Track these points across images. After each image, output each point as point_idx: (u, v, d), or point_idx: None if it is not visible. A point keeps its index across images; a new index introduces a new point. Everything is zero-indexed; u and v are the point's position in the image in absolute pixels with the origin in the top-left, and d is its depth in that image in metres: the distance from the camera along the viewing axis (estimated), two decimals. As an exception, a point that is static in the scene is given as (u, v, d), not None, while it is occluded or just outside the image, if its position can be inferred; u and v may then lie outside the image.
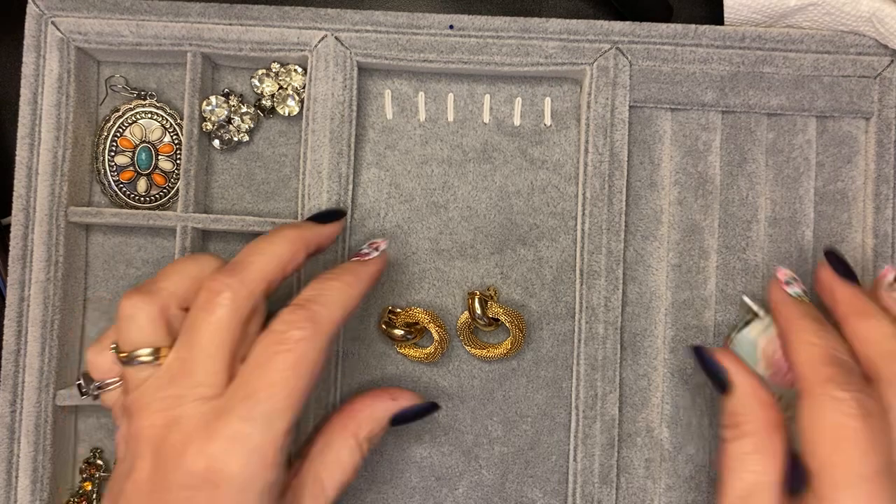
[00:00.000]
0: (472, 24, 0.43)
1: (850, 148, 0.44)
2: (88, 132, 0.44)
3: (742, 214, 0.44)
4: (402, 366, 0.44)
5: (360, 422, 0.37)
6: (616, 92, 0.43)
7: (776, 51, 0.43)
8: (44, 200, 0.42)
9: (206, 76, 0.44)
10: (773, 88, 0.43)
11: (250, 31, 0.42)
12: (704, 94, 0.43)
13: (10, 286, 0.42)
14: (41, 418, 0.42)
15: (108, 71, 0.45)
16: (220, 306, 0.32)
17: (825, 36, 0.43)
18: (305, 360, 0.32)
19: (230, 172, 0.45)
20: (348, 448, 0.37)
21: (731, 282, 0.44)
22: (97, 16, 0.42)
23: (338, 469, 0.36)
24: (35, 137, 0.42)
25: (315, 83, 0.42)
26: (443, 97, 0.45)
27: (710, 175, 0.44)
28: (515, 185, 0.44)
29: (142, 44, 0.43)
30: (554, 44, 0.43)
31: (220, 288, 0.33)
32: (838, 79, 0.43)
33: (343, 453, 0.36)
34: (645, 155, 0.44)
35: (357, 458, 0.37)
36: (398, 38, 0.43)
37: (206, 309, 0.33)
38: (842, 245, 0.44)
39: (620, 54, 0.43)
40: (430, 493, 0.43)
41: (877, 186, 0.43)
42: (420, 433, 0.44)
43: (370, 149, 0.44)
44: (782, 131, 0.44)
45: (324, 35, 0.42)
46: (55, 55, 0.42)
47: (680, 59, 0.43)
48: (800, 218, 0.44)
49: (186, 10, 0.42)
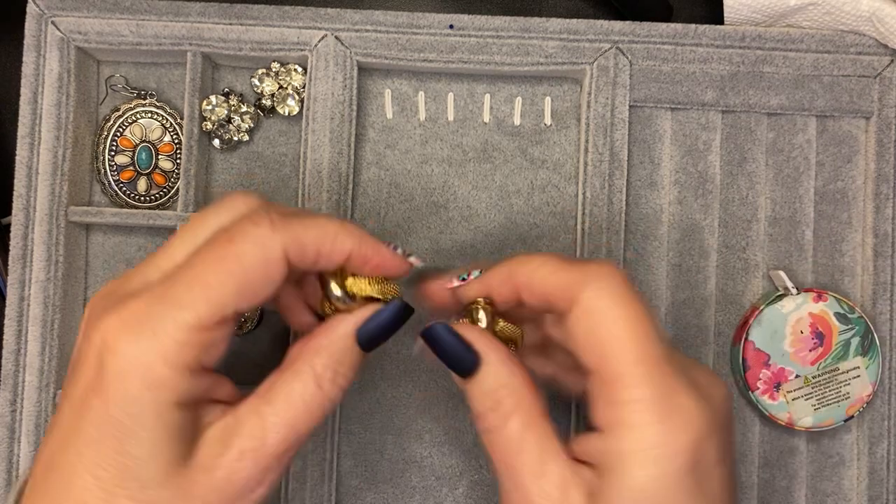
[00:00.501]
0: (472, 24, 0.43)
1: (850, 147, 0.44)
2: (88, 132, 0.44)
3: (742, 214, 0.44)
4: (403, 365, 0.44)
5: (316, 348, 0.31)
6: (616, 91, 0.43)
7: (776, 50, 0.43)
8: (44, 200, 0.42)
9: (206, 76, 0.44)
10: (773, 88, 0.43)
11: (250, 30, 0.42)
12: (704, 93, 0.43)
13: (10, 286, 0.42)
14: (41, 418, 0.42)
15: (108, 70, 0.45)
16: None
17: (825, 35, 0.43)
18: (241, 259, 0.28)
19: (230, 172, 0.45)
20: (301, 380, 0.30)
21: (732, 281, 0.44)
22: (97, 15, 0.42)
23: (285, 405, 0.29)
24: (35, 137, 0.42)
25: (315, 83, 0.42)
26: (443, 97, 0.45)
27: (711, 174, 0.44)
28: (515, 185, 0.44)
29: (142, 43, 0.43)
30: (554, 43, 0.43)
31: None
32: (838, 78, 0.43)
33: (295, 386, 0.29)
34: (645, 154, 0.44)
35: (313, 392, 0.30)
36: (398, 38, 0.43)
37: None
38: (842, 244, 0.44)
39: (620, 54, 0.43)
40: (430, 492, 0.43)
41: (877, 186, 0.43)
42: (420, 433, 0.44)
43: (370, 148, 0.44)
44: (782, 131, 0.44)
45: (324, 35, 0.42)
46: (55, 55, 0.42)
47: (680, 59, 0.43)
48: (800, 217, 0.44)
49: (186, 10, 0.42)
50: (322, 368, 0.30)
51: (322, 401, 0.30)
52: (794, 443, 0.44)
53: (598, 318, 0.29)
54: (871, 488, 0.43)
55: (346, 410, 0.43)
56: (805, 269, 0.44)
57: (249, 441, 0.28)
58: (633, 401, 0.27)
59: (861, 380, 0.42)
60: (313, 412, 0.30)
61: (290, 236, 0.29)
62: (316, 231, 0.30)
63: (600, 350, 0.28)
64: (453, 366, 0.31)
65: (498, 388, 0.30)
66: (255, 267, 0.28)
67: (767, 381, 0.42)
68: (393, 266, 0.32)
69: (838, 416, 0.42)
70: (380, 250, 0.32)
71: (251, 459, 0.28)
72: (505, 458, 0.30)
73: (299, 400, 0.29)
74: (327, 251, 0.30)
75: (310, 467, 0.41)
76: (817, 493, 0.43)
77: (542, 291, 0.31)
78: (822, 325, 0.42)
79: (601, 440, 0.28)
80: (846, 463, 0.44)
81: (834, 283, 0.44)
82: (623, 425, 0.28)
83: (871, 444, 0.43)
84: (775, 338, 0.42)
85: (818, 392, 0.42)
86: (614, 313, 0.28)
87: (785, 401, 0.42)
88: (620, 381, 0.28)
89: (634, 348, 0.28)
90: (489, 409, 0.30)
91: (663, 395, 0.27)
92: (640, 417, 0.27)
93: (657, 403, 0.27)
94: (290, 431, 0.29)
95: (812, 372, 0.42)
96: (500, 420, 0.30)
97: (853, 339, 0.42)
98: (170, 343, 0.27)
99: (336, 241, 0.30)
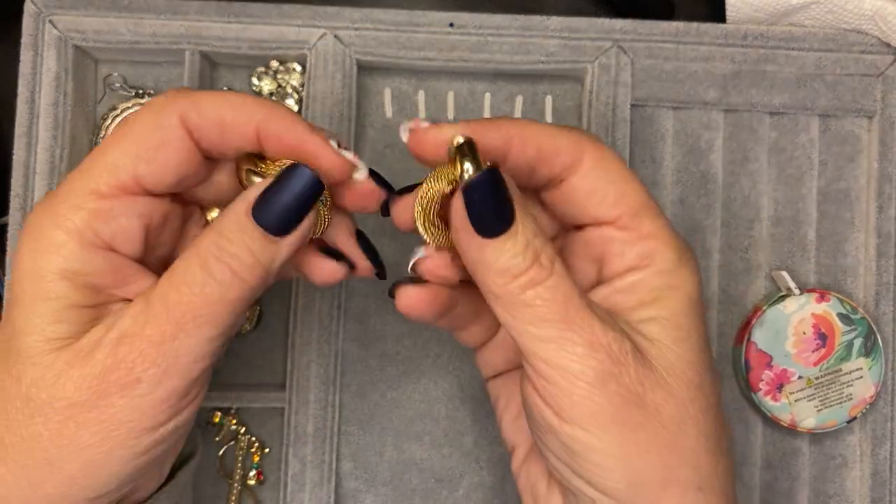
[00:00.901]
0: (473, 22, 0.42)
1: (852, 147, 0.44)
2: (86, 131, 0.44)
3: (744, 214, 0.44)
4: (404, 366, 0.44)
5: (208, 228, 0.28)
6: (618, 90, 0.42)
7: (779, 49, 0.43)
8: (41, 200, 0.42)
9: (205, 74, 0.43)
10: (775, 87, 0.43)
11: (249, 29, 0.42)
12: (706, 92, 0.43)
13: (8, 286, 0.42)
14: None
15: (105, 69, 0.45)
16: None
17: (828, 34, 0.43)
18: (134, 125, 0.27)
19: (229, 171, 0.45)
20: (184, 259, 0.27)
21: (734, 281, 0.43)
22: (95, 14, 0.42)
23: (167, 286, 0.27)
24: (32, 136, 0.42)
25: (314, 81, 0.42)
26: (443, 95, 0.44)
27: (713, 174, 0.44)
28: (516, 185, 0.44)
29: (140, 42, 0.42)
30: (555, 42, 0.43)
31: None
32: (841, 77, 0.43)
33: (178, 266, 0.27)
34: (647, 154, 0.44)
35: (195, 272, 0.27)
36: (398, 36, 0.42)
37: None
38: (845, 244, 0.44)
39: (622, 52, 0.43)
40: (430, 494, 0.43)
41: (880, 185, 0.43)
42: (420, 435, 0.43)
43: (370, 147, 0.44)
44: (785, 130, 0.44)
45: (323, 33, 0.42)
46: (53, 54, 0.42)
47: (682, 58, 0.43)
48: (802, 217, 0.44)
49: (184, 8, 0.42)
50: (208, 244, 0.27)
51: (209, 282, 0.26)
52: (796, 444, 0.43)
53: (610, 165, 0.29)
54: (874, 490, 0.42)
55: (346, 412, 0.43)
56: (808, 270, 0.44)
57: (131, 325, 0.26)
58: (662, 227, 0.29)
59: (864, 381, 0.42)
60: (200, 296, 0.26)
61: (186, 102, 0.27)
62: (218, 99, 0.28)
63: (621, 191, 0.29)
64: (490, 223, 0.27)
65: (534, 237, 0.27)
66: (148, 130, 0.27)
67: (770, 383, 0.42)
68: (313, 150, 0.28)
69: (841, 418, 0.42)
70: (295, 128, 0.28)
71: (129, 345, 0.26)
72: (562, 310, 0.27)
73: (181, 281, 0.26)
74: (230, 121, 0.28)
75: (309, 469, 0.41)
76: (820, 494, 0.43)
77: (537, 143, 0.29)
78: (825, 325, 0.42)
79: (641, 272, 0.29)
80: (849, 464, 0.43)
81: (837, 284, 0.44)
82: (659, 251, 0.29)
83: (874, 445, 0.42)
84: (778, 339, 0.42)
85: (821, 393, 0.42)
86: (619, 163, 0.30)
87: (787, 402, 0.42)
88: (646, 213, 0.29)
89: (642, 187, 0.30)
90: (531, 263, 0.27)
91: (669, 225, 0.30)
92: (671, 235, 0.29)
93: (671, 225, 0.30)
94: (171, 315, 0.26)
95: (815, 373, 0.42)
96: (547, 270, 0.27)
97: (856, 340, 0.42)
98: (63, 207, 0.26)
99: (239, 111, 0.28)
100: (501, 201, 0.27)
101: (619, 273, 0.29)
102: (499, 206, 0.27)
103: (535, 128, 0.29)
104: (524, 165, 0.29)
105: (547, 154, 0.29)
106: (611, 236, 0.30)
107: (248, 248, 0.27)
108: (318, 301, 0.41)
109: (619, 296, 0.29)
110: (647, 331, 0.28)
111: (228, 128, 0.28)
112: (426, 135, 0.29)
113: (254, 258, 0.27)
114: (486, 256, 0.27)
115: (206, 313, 0.26)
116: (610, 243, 0.30)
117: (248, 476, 0.43)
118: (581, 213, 0.30)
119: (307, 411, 0.41)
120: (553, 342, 0.27)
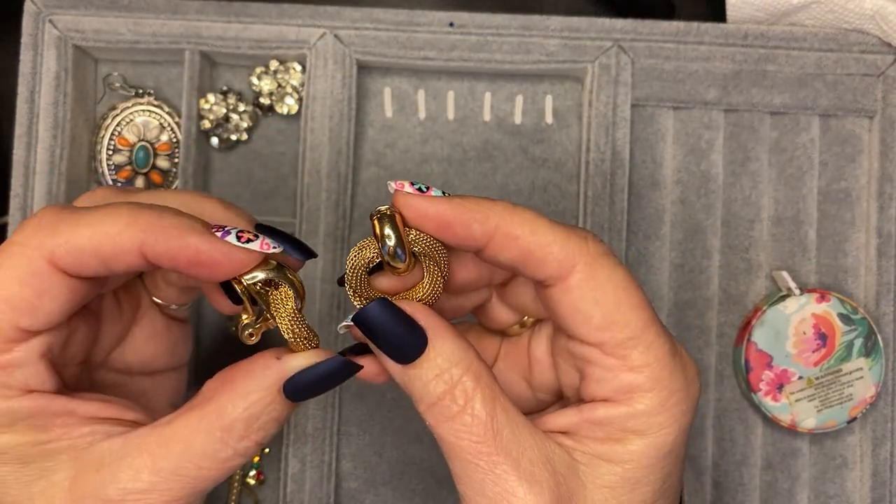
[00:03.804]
0: (473, 22, 0.42)
1: (853, 147, 0.44)
2: (86, 130, 0.44)
3: (745, 214, 0.44)
4: (402, 366, 0.44)
5: (232, 395, 0.26)
6: (618, 90, 0.42)
7: (779, 49, 0.43)
8: (41, 199, 0.42)
9: (205, 74, 0.43)
10: (776, 87, 0.43)
11: (248, 28, 0.42)
12: (707, 92, 0.43)
13: None
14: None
15: (105, 69, 0.45)
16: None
17: (828, 34, 0.43)
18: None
19: (228, 171, 0.45)
20: (204, 430, 0.25)
21: (734, 282, 0.43)
22: (95, 14, 0.42)
23: (181, 453, 0.25)
24: (32, 136, 0.42)
25: (314, 81, 0.42)
26: (443, 95, 0.44)
27: (713, 174, 0.44)
28: (516, 184, 0.44)
29: (140, 42, 0.42)
30: (555, 41, 0.42)
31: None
32: (842, 77, 0.43)
33: (196, 439, 0.25)
34: (647, 154, 0.44)
35: (217, 449, 0.26)
36: (398, 36, 0.42)
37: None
38: (845, 244, 0.44)
39: (622, 52, 0.42)
40: (430, 494, 0.43)
41: (880, 185, 0.43)
42: (420, 435, 0.43)
43: (369, 147, 0.44)
44: (785, 130, 0.44)
45: (323, 33, 0.42)
46: (53, 53, 0.42)
47: (682, 57, 0.43)
48: (803, 217, 0.44)
49: (184, 8, 0.42)
50: (231, 422, 0.26)
51: (229, 455, 0.26)
52: (796, 445, 0.43)
53: (602, 286, 0.26)
54: (874, 490, 0.42)
55: (346, 412, 0.43)
56: (808, 270, 0.44)
57: (133, 482, 0.25)
58: (654, 361, 0.26)
59: (864, 381, 0.42)
60: (215, 468, 0.26)
61: (54, 243, 0.24)
62: (90, 231, 0.24)
63: (609, 317, 0.26)
64: (396, 352, 0.26)
65: (450, 367, 0.26)
66: (17, 285, 0.24)
67: (770, 383, 0.42)
68: (209, 258, 0.25)
69: (841, 418, 0.42)
70: (184, 240, 0.25)
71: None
72: (476, 447, 0.25)
73: (199, 453, 0.25)
74: (109, 252, 0.25)
75: (309, 469, 0.41)
76: (820, 495, 0.43)
77: (524, 246, 0.26)
78: (826, 326, 0.42)
79: (614, 408, 0.26)
80: (849, 465, 0.43)
81: (837, 284, 0.44)
82: (642, 390, 0.26)
83: (874, 445, 0.42)
84: (778, 339, 0.42)
85: (821, 393, 0.42)
86: (615, 284, 0.26)
87: (788, 402, 0.42)
88: (637, 344, 0.26)
89: (643, 312, 0.26)
90: (444, 393, 0.26)
91: (674, 353, 0.26)
92: (660, 375, 0.26)
93: (671, 360, 0.26)
94: (184, 485, 0.25)
95: (815, 373, 0.42)
96: (461, 404, 0.25)
97: (856, 340, 0.42)
98: None
99: (118, 240, 0.24)
100: (405, 327, 0.26)
101: (593, 399, 0.27)
102: (401, 333, 0.26)
103: (526, 227, 0.26)
104: (504, 262, 0.27)
105: (532, 260, 0.26)
106: (592, 358, 0.26)
107: (278, 420, 0.27)
108: (319, 301, 0.41)
109: (586, 426, 0.27)
110: (599, 473, 0.26)
111: (109, 259, 0.25)
112: (407, 201, 0.26)
113: (278, 425, 0.27)
114: (404, 379, 0.27)
115: (221, 477, 0.26)
116: (590, 365, 0.27)
117: (247, 475, 0.43)
118: (563, 324, 0.27)
119: (307, 411, 0.41)
120: (478, 474, 0.26)
